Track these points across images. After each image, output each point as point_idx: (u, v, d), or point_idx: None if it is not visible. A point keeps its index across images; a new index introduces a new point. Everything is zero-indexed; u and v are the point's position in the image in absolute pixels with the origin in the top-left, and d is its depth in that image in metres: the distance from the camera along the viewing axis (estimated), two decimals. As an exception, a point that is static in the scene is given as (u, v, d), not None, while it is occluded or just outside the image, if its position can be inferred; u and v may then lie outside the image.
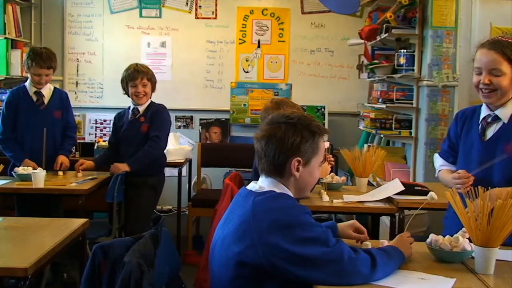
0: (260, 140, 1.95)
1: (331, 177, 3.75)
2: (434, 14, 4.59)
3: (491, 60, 2.37)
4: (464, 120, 2.60)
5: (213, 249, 2.00)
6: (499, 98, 2.42)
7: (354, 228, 2.27)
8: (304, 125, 1.94)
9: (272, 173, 1.96)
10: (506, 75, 2.36)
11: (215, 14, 6.66)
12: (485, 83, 2.39)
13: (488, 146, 2.45)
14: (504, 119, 2.44)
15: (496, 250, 1.95)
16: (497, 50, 2.36)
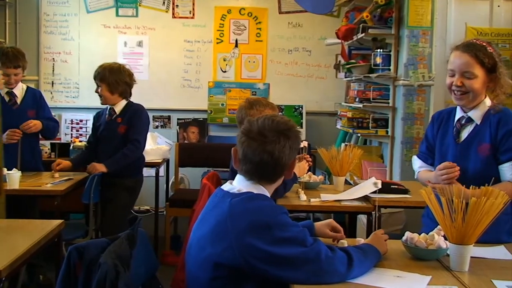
0: (255, 150, 1.92)
1: (308, 176, 3.77)
2: (410, 14, 4.63)
3: (464, 63, 2.39)
4: (440, 122, 2.62)
5: (189, 250, 1.99)
6: (471, 101, 2.44)
7: (331, 227, 2.29)
8: (296, 135, 1.98)
9: (257, 178, 1.96)
10: (478, 78, 2.39)
11: (192, 13, 6.64)
12: (457, 85, 2.41)
13: (462, 148, 2.47)
14: (477, 121, 2.46)
15: (471, 247, 1.97)
16: (470, 53, 2.38)
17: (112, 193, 3.93)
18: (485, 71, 2.39)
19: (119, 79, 3.98)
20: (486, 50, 2.39)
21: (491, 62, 2.38)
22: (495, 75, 2.40)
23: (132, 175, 4.06)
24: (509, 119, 2.40)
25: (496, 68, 2.39)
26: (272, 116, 1.99)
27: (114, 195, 3.93)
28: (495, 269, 2.02)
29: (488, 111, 2.45)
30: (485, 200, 1.88)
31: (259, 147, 1.91)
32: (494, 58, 2.39)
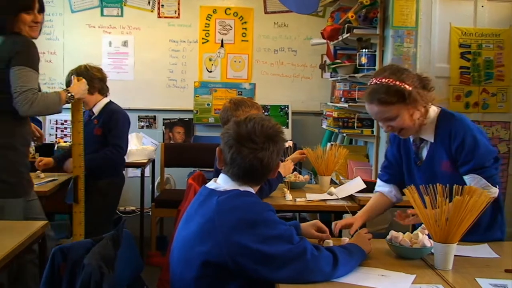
0: (245, 156, 1.91)
1: (294, 176, 3.77)
2: (394, 14, 4.65)
3: (377, 113, 2.35)
4: (398, 142, 2.59)
5: (173, 250, 1.99)
6: (412, 131, 2.40)
7: (317, 228, 2.30)
8: (281, 139, 1.99)
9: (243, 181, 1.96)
10: (399, 115, 2.32)
11: (178, 13, 6.62)
12: (388, 130, 2.41)
13: (425, 169, 2.43)
14: (430, 140, 2.42)
15: (454, 246, 1.98)
16: (375, 102, 2.32)
17: (86, 196, 3.85)
18: (399, 105, 2.29)
19: (91, 77, 3.85)
20: (388, 87, 2.28)
21: (398, 96, 2.28)
22: (410, 99, 2.28)
23: (105, 176, 3.94)
24: (458, 131, 2.33)
25: (405, 96, 2.28)
26: (261, 120, 1.98)
27: (87, 198, 3.84)
28: (479, 267, 2.03)
29: (438, 123, 2.39)
30: (468, 198, 1.89)
31: (250, 154, 1.91)
32: (398, 90, 2.28)
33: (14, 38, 2.88)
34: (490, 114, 4.87)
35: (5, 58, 2.81)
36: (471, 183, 2.29)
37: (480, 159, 2.30)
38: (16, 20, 2.89)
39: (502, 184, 4.92)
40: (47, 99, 2.89)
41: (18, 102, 2.78)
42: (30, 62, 2.84)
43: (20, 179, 2.94)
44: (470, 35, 4.80)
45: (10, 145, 2.91)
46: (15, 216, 2.85)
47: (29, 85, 2.80)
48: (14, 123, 2.91)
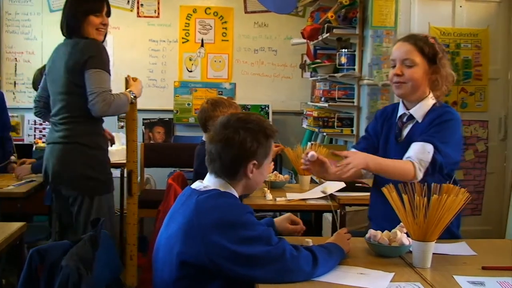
0: (216, 143, 1.93)
1: (274, 175, 3.78)
2: (374, 14, 4.68)
3: (404, 51, 2.37)
4: (383, 119, 2.58)
5: (157, 250, 1.98)
6: (411, 92, 2.40)
7: (290, 221, 2.31)
8: (260, 130, 1.96)
9: (224, 175, 1.96)
10: (418, 66, 2.35)
11: (158, 12, 6.59)
12: (397, 74, 2.38)
13: (402, 146, 2.42)
14: (418, 119, 2.43)
15: (433, 244, 2.00)
16: (410, 42, 2.37)
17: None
18: (426, 60, 2.36)
19: None
20: (427, 40, 2.38)
21: (431, 51, 2.36)
22: (436, 66, 2.36)
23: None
24: (447, 115, 2.36)
25: (436, 58, 2.36)
26: (236, 113, 2.01)
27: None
28: (457, 265, 2.05)
29: (432, 108, 2.41)
30: (446, 197, 1.91)
31: (220, 141, 1.92)
32: (435, 48, 2.37)
33: (85, 42, 2.99)
34: (469, 113, 4.92)
35: (79, 62, 2.92)
36: (415, 151, 2.28)
37: (442, 145, 2.29)
38: (85, 23, 3.02)
39: (481, 183, 4.98)
40: (120, 100, 3.03)
41: (96, 104, 2.89)
42: (103, 64, 2.96)
43: (109, 176, 3.15)
44: (448, 35, 4.84)
45: (97, 145, 3.08)
46: (108, 210, 3.08)
47: (105, 87, 2.93)
48: (98, 124, 3.10)
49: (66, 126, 3.04)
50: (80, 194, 3.02)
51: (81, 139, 3.02)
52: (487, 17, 4.92)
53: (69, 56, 3.00)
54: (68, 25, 3.07)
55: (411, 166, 2.25)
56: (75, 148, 3.02)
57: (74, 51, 2.98)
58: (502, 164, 5.04)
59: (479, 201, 5.01)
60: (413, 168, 2.24)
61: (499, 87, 4.98)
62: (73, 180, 3.02)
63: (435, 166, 2.28)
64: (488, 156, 5.00)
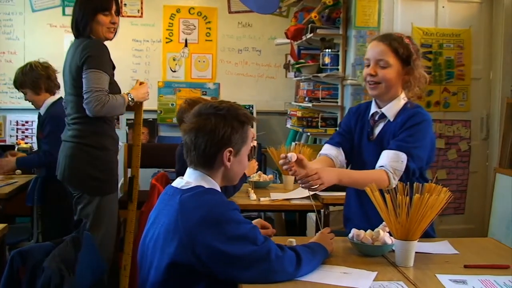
0: (189, 132, 1.91)
1: (258, 175, 3.78)
2: (357, 15, 4.69)
3: (379, 51, 2.36)
4: (357, 116, 2.58)
5: (145, 252, 1.95)
6: (385, 92, 2.40)
7: (260, 226, 2.28)
8: (233, 116, 1.93)
9: (201, 165, 1.93)
10: (392, 67, 2.35)
11: (141, 12, 6.57)
12: (370, 73, 2.38)
13: (374, 145, 2.43)
14: (390, 117, 2.43)
15: (415, 243, 2.01)
16: (385, 42, 2.36)
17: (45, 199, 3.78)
18: (400, 61, 2.35)
19: (36, 77, 3.78)
20: (402, 40, 2.37)
21: (405, 53, 2.35)
22: (410, 67, 2.36)
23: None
24: (418, 117, 2.36)
25: (411, 59, 2.36)
26: (209, 102, 1.99)
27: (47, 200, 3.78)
28: (439, 264, 2.06)
29: (403, 107, 2.41)
30: (428, 196, 1.92)
31: (193, 130, 1.90)
32: (409, 49, 2.36)
33: (86, 42, 3.02)
34: (451, 113, 4.96)
35: (78, 63, 2.97)
36: (388, 158, 2.28)
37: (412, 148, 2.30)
38: (93, 21, 3.06)
39: (463, 182, 5.02)
40: (116, 101, 3.03)
41: (89, 103, 2.91)
42: (101, 65, 2.98)
43: (112, 177, 3.14)
44: (431, 35, 4.88)
45: (103, 146, 3.08)
46: (110, 210, 3.07)
47: (100, 87, 2.93)
48: (105, 125, 3.10)
49: (75, 126, 3.09)
50: (84, 193, 3.07)
51: (87, 140, 3.06)
52: (469, 17, 4.96)
53: (72, 57, 3.05)
54: (77, 25, 3.09)
55: (385, 175, 2.26)
56: (81, 148, 3.06)
57: (77, 52, 3.01)
58: (484, 163, 5.09)
59: (462, 200, 5.05)
60: (387, 177, 2.25)
61: (481, 87, 5.02)
62: (78, 178, 3.06)
63: (408, 173, 2.30)
64: (470, 155, 5.05)
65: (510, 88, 4.81)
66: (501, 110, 4.84)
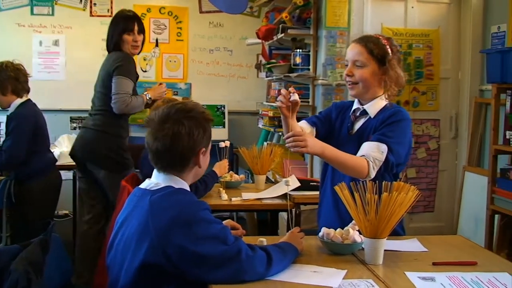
0: (163, 140, 1.88)
1: (230, 175, 3.77)
2: (327, 15, 4.72)
3: (355, 52, 2.43)
4: (339, 110, 2.62)
5: (113, 254, 1.93)
6: (363, 92, 2.45)
7: (230, 226, 2.28)
8: (202, 116, 1.94)
9: (174, 168, 1.93)
10: (368, 67, 2.41)
11: (111, 11, 6.48)
12: (348, 74, 2.45)
13: (354, 139, 2.47)
14: (371, 114, 2.48)
15: (384, 241, 2.03)
16: (361, 43, 2.43)
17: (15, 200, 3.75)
18: (375, 61, 2.41)
19: (4, 77, 3.71)
20: (379, 41, 2.43)
21: (381, 53, 2.40)
22: (385, 67, 2.41)
23: (26, 180, 3.77)
24: (399, 115, 2.40)
25: (386, 59, 2.41)
26: (172, 105, 1.95)
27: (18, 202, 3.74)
28: (408, 261, 2.08)
29: (385, 107, 2.46)
30: (396, 194, 1.93)
31: (166, 136, 1.87)
32: (385, 50, 2.41)
33: (117, 54, 3.83)
34: (420, 112, 5.02)
35: (110, 70, 3.76)
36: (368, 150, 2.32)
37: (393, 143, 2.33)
38: (120, 40, 3.84)
39: (433, 180, 5.09)
40: (136, 102, 3.80)
41: (115, 103, 3.71)
42: (127, 73, 3.76)
43: (125, 160, 3.91)
44: (401, 35, 4.93)
45: (117, 134, 3.88)
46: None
47: (125, 90, 3.72)
48: (120, 117, 3.85)
49: (97, 116, 3.87)
50: (101, 169, 3.81)
51: (105, 128, 3.83)
52: (438, 17, 5.03)
53: (104, 66, 3.89)
54: (108, 43, 3.93)
55: (365, 163, 2.28)
56: (100, 134, 3.82)
57: (109, 61, 3.83)
58: (453, 161, 5.16)
59: (431, 198, 5.12)
60: (367, 166, 2.28)
61: (450, 86, 5.10)
62: (96, 158, 3.83)
63: (387, 165, 2.33)
64: (440, 154, 5.12)
65: (478, 88, 4.89)
66: (470, 109, 4.92)
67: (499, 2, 4.61)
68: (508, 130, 3.89)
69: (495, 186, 4.03)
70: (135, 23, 3.88)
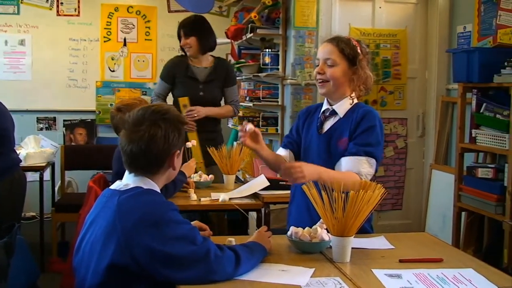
0: (138, 142, 1.86)
1: (199, 175, 3.76)
2: (296, 15, 4.74)
3: (327, 51, 2.47)
4: (306, 116, 2.66)
5: (80, 256, 1.91)
6: (333, 91, 2.49)
7: (198, 227, 2.27)
8: (176, 118, 1.93)
9: (147, 171, 1.91)
10: (338, 66, 2.45)
11: (78, 11, 6.41)
12: (319, 72, 2.48)
13: (323, 139, 2.51)
14: (340, 114, 2.51)
15: (351, 239, 2.04)
16: (333, 43, 2.47)
17: None
18: (346, 61, 2.45)
19: None
20: (350, 42, 2.48)
21: (351, 53, 2.45)
22: (356, 67, 2.46)
23: None
24: (372, 118, 2.45)
25: (356, 59, 2.46)
26: (147, 107, 1.95)
27: None
28: (375, 259, 2.10)
29: (354, 106, 2.50)
30: (363, 192, 1.95)
31: (142, 139, 1.86)
32: (356, 50, 2.46)
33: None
34: (388, 111, 5.07)
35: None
36: (349, 165, 2.37)
37: (370, 148, 2.39)
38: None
39: (401, 178, 5.15)
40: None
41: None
42: (161, 74, 4.31)
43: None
44: (368, 35, 4.97)
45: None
46: None
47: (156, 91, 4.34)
48: None
49: None
50: None
51: None
52: (405, 18, 5.09)
53: None
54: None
55: (359, 179, 2.32)
56: None
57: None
58: (420, 159, 5.23)
59: (399, 196, 5.17)
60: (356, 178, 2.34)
61: (417, 85, 5.16)
62: None
63: (375, 174, 2.43)
64: (407, 152, 5.18)
65: (445, 87, 4.96)
66: (436, 108, 4.99)
67: (465, 3, 4.69)
68: (474, 129, 3.95)
69: (461, 184, 4.10)
70: (181, 30, 4.17)
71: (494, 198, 3.71)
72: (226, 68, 4.24)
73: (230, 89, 4.21)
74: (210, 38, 4.19)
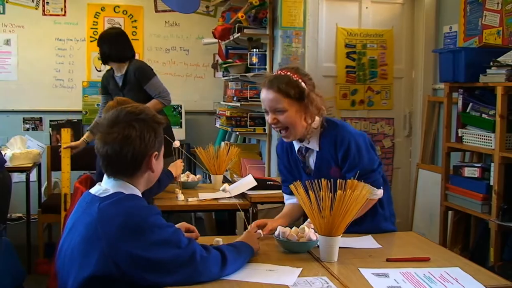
0: (112, 143, 1.81)
1: (186, 175, 3.75)
2: (283, 15, 4.74)
3: (271, 100, 2.34)
4: (286, 154, 2.60)
5: (63, 260, 1.87)
6: (297, 134, 2.40)
7: (185, 228, 2.26)
8: (152, 118, 1.88)
9: (125, 174, 1.87)
10: (289, 110, 2.32)
11: (64, 10, 6.38)
12: (272, 122, 2.37)
13: (315, 177, 2.30)
14: (316, 148, 2.46)
15: (339, 238, 2.05)
16: (274, 89, 2.32)
17: None
18: (294, 101, 2.33)
19: None
20: (290, 80, 2.34)
21: (297, 92, 2.32)
22: (305, 102, 2.33)
23: None
24: (342, 139, 2.39)
25: (304, 95, 2.33)
26: (122, 108, 1.90)
27: None
28: (362, 258, 2.11)
29: (322, 132, 2.44)
30: (350, 192, 1.96)
31: (116, 140, 1.82)
32: (300, 86, 2.33)
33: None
34: (375, 111, 5.09)
35: None
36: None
37: (364, 166, 2.38)
38: None
39: (388, 177, 5.16)
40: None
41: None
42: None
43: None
44: (355, 36, 4.98)
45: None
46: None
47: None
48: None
49: None
50: None
51: None
52: (392, 18, 5.10)
53: None
54: None
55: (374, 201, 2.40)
56: None
57: None
58: (407, 159, 5.25)
59: (386, 196, 5.18)
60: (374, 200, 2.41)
61: (404, 85, 5.18)
62: None
63: (378, 183, 2.44)
64: (394, 152, 5.19)
65: (431, 87, 4.98)
66: (423, 107, 5.01)
67: (451, 3, 4.71)
68: (460, 128, 3.97)
69: (448, 183, 4.12)
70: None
71: (480, 197, 3.73)
72: (134, 69, 4.39)
73: (148, 85, 4.38)
74: (120, 48, 4.39)
